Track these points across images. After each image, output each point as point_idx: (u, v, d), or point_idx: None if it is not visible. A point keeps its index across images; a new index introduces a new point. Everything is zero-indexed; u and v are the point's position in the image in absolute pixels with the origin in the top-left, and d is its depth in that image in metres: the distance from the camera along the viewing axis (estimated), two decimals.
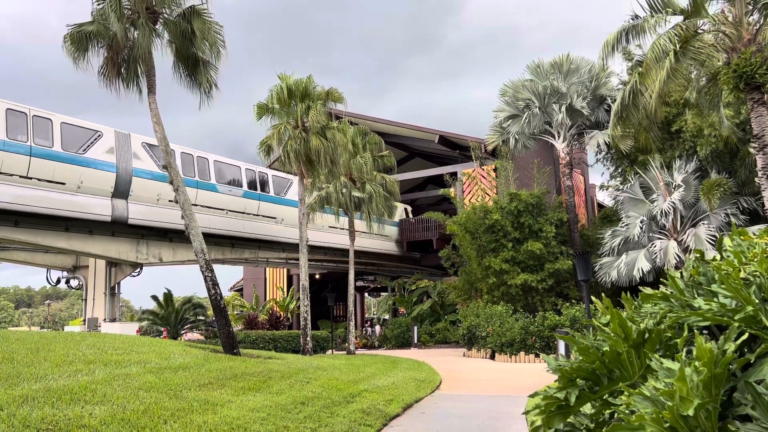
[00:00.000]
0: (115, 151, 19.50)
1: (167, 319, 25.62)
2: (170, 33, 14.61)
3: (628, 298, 3.09)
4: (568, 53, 24.56)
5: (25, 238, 18.03)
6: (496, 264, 22.37)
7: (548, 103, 24.15)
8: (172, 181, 14.41)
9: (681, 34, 14.07)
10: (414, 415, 9.54)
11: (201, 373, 9.80)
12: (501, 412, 9.61)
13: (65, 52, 13.95)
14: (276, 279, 38.50)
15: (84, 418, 6.22)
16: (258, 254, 26.22)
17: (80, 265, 23.73)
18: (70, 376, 8.10)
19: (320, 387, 10.35)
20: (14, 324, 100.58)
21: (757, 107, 13.66)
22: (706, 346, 2.00)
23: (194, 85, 15.18)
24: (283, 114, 20.22)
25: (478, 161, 27.73)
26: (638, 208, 21.17)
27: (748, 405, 2.01)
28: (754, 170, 15.29)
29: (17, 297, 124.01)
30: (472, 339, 22.06)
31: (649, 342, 2.41)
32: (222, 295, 14.55)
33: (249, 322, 29.98)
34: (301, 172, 20.20)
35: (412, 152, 37.69)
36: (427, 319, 31.48)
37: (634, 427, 2.06)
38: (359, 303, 44.67)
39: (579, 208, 26.70)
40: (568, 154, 23.97)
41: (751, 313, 2.23)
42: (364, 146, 23.63)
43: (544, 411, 2.54)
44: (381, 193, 23.63)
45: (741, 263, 2.68)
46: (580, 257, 14.61)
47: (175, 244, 22.14)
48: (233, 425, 6.92)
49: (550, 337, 19.03)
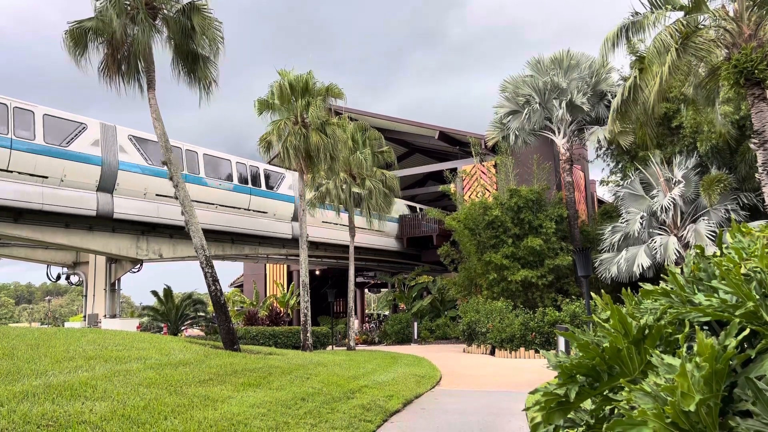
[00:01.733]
0: (100, 143, 19.22)
1: (167, 315, 25.65)
2: (170, 29, 14.59)
3: (628, 294, 3.09)
4: (569, 49, 24.53)
5: (25, 234, 18.02)
6: (497, 259, 22.38)
7: (548, 99, 24.11)
8: (172, 178, 14.41)
9: (682, 30, 14.03)
10: (414, 411, 9.55)
11: (201, 369, 9.81)
12: (501, 408, 9.63)
13: (65, 49, 13.94)
14: (276, 275, 38.53)
15: (84, 414, 6.22)
16: (258, 250, 26.22)
17: (80, 261, 23.73)
18: (70, 372, 8.11)
19: (320, 383, 10.36)
20: (15, 320, 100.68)
21: (758, 103, 13.63)
22: (707, 342, 2.00)
23: (194, 81, 15.16)
24: (284, 110, 20.18)
25: (478, 157, 27.71)
26: (638, 204, 21.17)
27: (748, 401, 2.01)
28: (755, 166, 15.26)
29: (17, 293, 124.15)
30: (472, 335, 22.09)
31: (649, 338, 2.41)
32: (222, 291, 14.57)
33: (249, 318, 30.01)
34: (300, 168, 20.19)
35: (412, 148, 37.67)
36: (427, 315, 31.51)
37: (634, 422, 2.05)
38: (359, 299, 44.69)
39: (579, 204, 26.69)
40: (568, 149, 23.95)
41: (752, 308, 2.22)
42: (364, 142, 23.60)
43: (544, 407, 2.54)
44: (381, 189, 23.63)
45: (742, 259, 2.68)
46: (580, 253, 14.62)
47: (176, 240, 22.13)
48: (233, 421, 6.93)
49: (550, 333, 19.05)
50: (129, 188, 19.97)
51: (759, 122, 13.72)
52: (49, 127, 17.86)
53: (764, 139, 13.68)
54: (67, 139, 18.33)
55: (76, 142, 18.52)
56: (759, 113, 13.67)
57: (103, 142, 19.35)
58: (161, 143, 14.55)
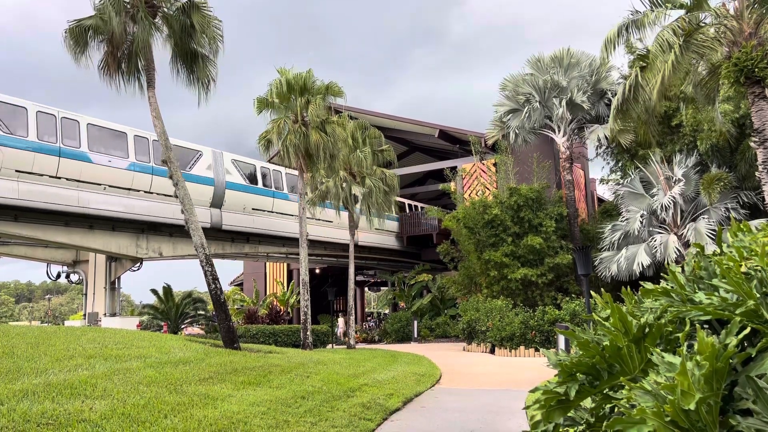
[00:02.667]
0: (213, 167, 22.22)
1: (167, 313, 25.65)
2: (169, 27, 14.56)
3: (628, 292, 3.08)
4: (569, 47, 24.51)
5: (26, 232, 18.01)
6: (497, 257, 22.38)
7: (548, 98, 24.10)
8: (172, 176, 14.40)
9: (685, 27, 14.03)
10: (414, 410, 9.55)
11: (201, 367, 9.81)
12: (501, 407, 9.63)
13: (65, 47, 13.91)
14: (276, 273, 38.53)
15: (84, 413, 6.22)
16: (258, 249, 26.21)
17: (80, 260, 23.72)
18: (70, 371, 8.11)
19: (320, 381, 10.36)
20: (15, 318, 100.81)
21: (758, 101, 13.63)
22: (707, 341, 2.00)
23: (193, 80, 15.13)
24: (283, 108, 20.16)
25: (478, 156, 27.71)
26: (638, 203, 21.17)
27: (749, 399, 2.01)
28: (755, 164, 15.26)
29: (18, 291, 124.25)
30: (472, 333, 22.09)
31: (649, 336, 2.40)
32: (222, 289, 14.56)
33: (249, 316, 30.01)
34: (300, 166, 20.18)
35: (412, 147, 37.65)
36: (427, 314, 31.52)
37: (634, 421, 2.05)
38: (359, 297, 44.72)
39: (579, 202, 26.68)
40: (568, 148, 23.94)
41: (753, 307, 2.22)
42: (363, 141, 23.57)
43: (544, 405, 2.54)
44: (381, 187, 23.60)
45: (742, 257, 2.67)
46: (580, 251, 14.62)
47: (175, 239, 22.13)
48: (233, 419, 6.93)
49: (549, 331, 19.05)
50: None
51: (759, 121, 13.71)
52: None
53: (764, 137, 13.67)
54: (189, 164, 21.70)
55: (196, 167, 22.00)
56: (759, 112, 13.67)
57: (215, 165, 22.92)
58: (161, 141, 14.54)
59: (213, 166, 22.81)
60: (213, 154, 23.02)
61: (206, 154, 22.75)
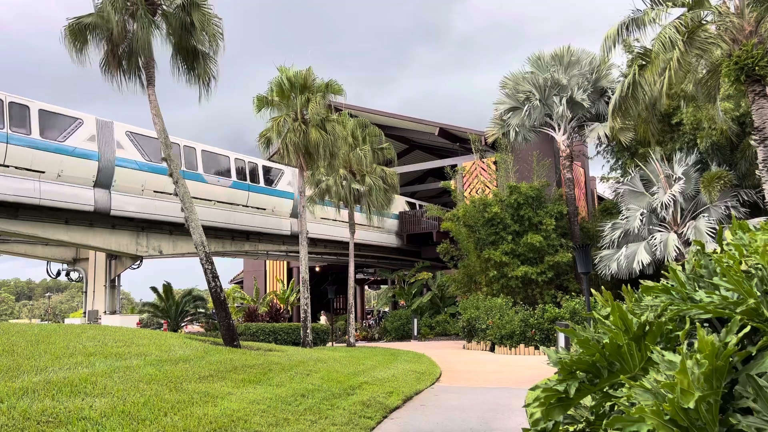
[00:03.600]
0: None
1: (167, 311, 25.65)
2: (169, 25, 14.54)
3: (628, 290, 3.08)
4: (569, 45, 24.50)
5: (25, 230, 18.01)
6: (496, 256, 22.38)
7: (549, 96, 24.08)
8: (172, 174, 14.40)
9: (687, 25, 14.02)
10: (414, 408, 9.56)
11: (201, 365, 9.82)
12: (501, 405, 9.63)
13: (65, 45, 13.90)
14: (276, 271, 38.53)
15: (84, 411, 6.23)
16: (258, 246, 26.21)
17: (80, 258, 23.73)
18: (70, 369, 8.11)
19: (320, 379, 10.37)
20: (15, 316, 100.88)
21: (758, 99, 13.63)
22: (707, 339, 1.99)
23: (193, 78, 15.12)
24: (283, 106, 20.15)
25: (478, 154, 27.69)
26: (638, 201, 21.16)
27: (749, 398, 2.01)
28: (755, 163, 15.28)
29: (18, 289, 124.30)
30: (471, 331, 22.10)
31: (649, 334, 2.40)
32: (222, 287, 14.56)
33: (249, 314, 30.01)
34: (300, 164, 20.17)
35: (412, 145, 37.62)
36: (427, 312, 31.52)
37: (634, 419, 2.05)
38: (359, 295, 44.73)
39: (579, 200, 26.68)
40: (569, 146, 23.93)
41: (753, 305, 2.22)
42: (363, 138, 23.56)
43: (544, 403, 2.54)
44: (381, 185, 23.59)
45: (742, 256, 2.67)
46: (580, 250, 14.62)
47: (175, 237, 22.12)
48: (233, 417, 6.93)
49: (549, 329, 19.06)
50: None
51: (759, 119, 13.71)
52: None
53: (764, 135, 13.67)
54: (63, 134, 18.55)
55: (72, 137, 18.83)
56: (759, 110, 13.66)
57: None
58: (161, 139, 14.53)
59: (96, 138, 19.14)
60: (97, 124, 19.25)
61: (88, 123, 19.01)
